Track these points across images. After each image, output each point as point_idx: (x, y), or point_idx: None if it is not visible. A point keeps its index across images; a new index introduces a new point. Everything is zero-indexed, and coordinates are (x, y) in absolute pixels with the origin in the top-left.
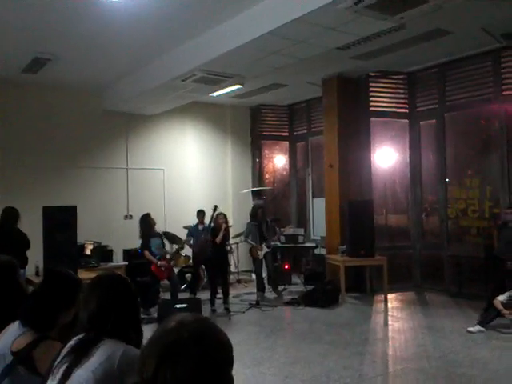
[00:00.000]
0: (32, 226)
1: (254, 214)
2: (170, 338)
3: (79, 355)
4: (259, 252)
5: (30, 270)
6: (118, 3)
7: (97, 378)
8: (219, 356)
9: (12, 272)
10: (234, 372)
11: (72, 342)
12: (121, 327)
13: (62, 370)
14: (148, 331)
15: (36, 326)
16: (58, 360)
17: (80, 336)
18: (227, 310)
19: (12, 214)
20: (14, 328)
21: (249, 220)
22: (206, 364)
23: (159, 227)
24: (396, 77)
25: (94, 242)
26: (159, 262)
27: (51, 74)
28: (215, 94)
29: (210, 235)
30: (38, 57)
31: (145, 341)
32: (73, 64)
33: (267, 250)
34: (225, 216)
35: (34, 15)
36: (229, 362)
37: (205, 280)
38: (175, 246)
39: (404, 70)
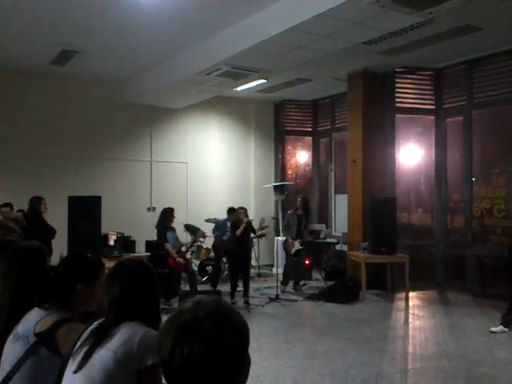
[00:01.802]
0: (57, 215)
1: (298, 205)
2: (186, 317)
3: (100, 337)
4: (292, 248)
5: (55, 259)
6: None
7: (117, 358)
8: (235, 336)
9: (41, 257)
10: (252, 363)
11: (93, 326)
12: (141, 311)
13: (82, 352)
14: None
15: (50, 299)
16: (79, 343)
17: (100, 320)
18: (247, 303)
19: (35, 202)
20: (36, 312)
21: (291, 210)
22: (222, 343)
23: (181, 220)
24: (423, 73)
25: (118, 232)
26: (178, 258)
27: (78, 66)
28: (239, 88)
29: (231, 229)
30: (65, 49)
31: None
32: (99, 57)
33: (300, 247)
34: (246, 210)
35: (63, 9)
36: (245, 342)
37: (225, 273)
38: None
39: (431, 66)
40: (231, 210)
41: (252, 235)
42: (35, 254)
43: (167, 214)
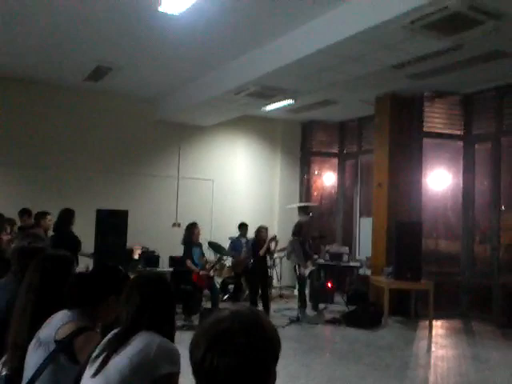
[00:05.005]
0: (85, 227)
1: (297, 230)
2: (222, 327)
3: (118, 344)
4: (305, 270)
5: (79, 270)
6: (178, 16)
7: (133, 365)
8: (265, 350)
9: (68, 266)
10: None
11: (109, 336)
12: (157, 321)
13: (99, 359)
14: (188, 337)
15: (79, 301)
16: (98, 350)
17: (116, 330)
18: None
19: (66, 215)
20: (58, 318)
21: (291, 237)
22: (252, 356)
23: (205, 237)
24: (452, 98)
25: (142, 246)
26: (201, 272)
27: (111, 82)
28: (267, 108)
29: (251, 249)
30: (100, 65)
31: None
32: (132, 74)
33: (313, 268)
34: (267, 230)
35: (98, 27)
36: (274, 357)
37: (246, 292)
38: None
39: (460, 91)
40: (243, 225)
41: (274, 255)
42: (63, 262)
43: (188, 230)
